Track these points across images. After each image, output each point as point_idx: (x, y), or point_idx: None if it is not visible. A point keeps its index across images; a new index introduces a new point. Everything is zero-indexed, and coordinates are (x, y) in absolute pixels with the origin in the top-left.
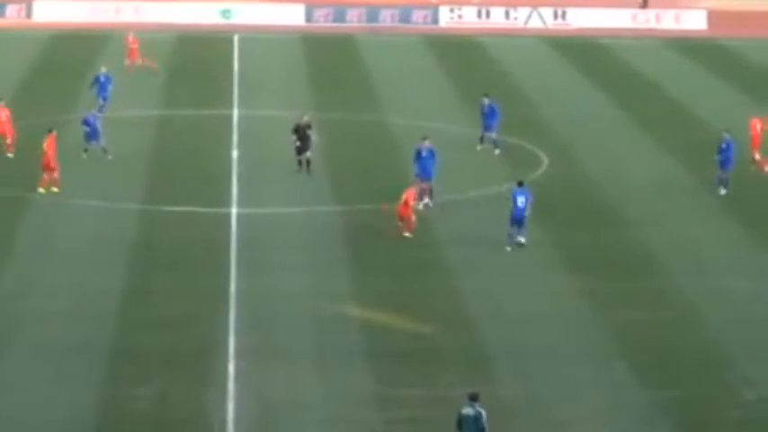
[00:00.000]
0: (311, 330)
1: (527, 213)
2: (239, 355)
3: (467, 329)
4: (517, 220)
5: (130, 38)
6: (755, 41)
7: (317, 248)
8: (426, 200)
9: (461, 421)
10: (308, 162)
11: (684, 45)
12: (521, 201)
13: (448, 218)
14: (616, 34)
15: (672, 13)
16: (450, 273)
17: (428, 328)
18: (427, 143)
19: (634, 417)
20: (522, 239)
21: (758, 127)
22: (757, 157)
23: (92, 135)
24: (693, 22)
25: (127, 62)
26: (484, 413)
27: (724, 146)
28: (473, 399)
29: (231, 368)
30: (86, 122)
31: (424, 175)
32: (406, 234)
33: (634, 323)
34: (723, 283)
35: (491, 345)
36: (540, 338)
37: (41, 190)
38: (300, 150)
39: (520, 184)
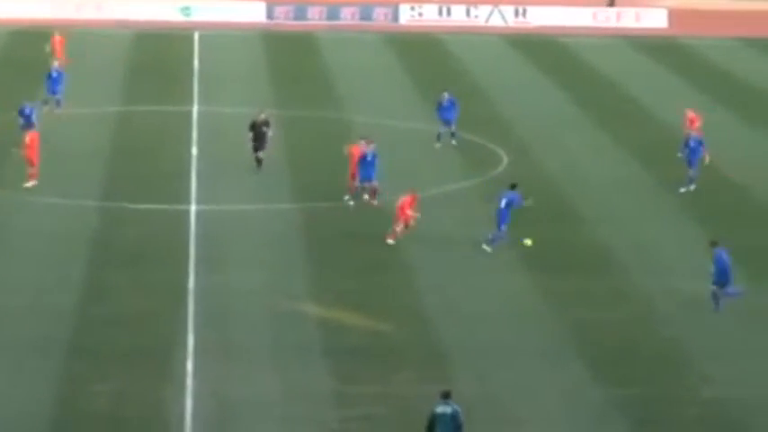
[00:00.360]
0: (269, 327)
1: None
2: (197, 352)
3: (424, 327)
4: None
5: (57, 36)
6: (716, 40)
7: (275, 246)
8: (366, 197)
9: (435, 420)
10: (260, 161)
11: (645, 44)
12: (504, 202)
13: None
14: (576, 32)
15: (632, 11)
16: (408, 271)
17: (385, 326)
18: (372, 147)
19: (591, 414)
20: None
21: (695, 122)
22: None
23: (26, 126)
24: (654, 20)
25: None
26: (459, 409)
27: (692, 144)
28: (446, 396)
29: (189, 365)
30: (22, 113)
31: (367, 176)
32: (389, 241)
33: (591, 321)
34: (680, 281)
35: (448, 343)
36: (497, 336)
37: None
38: (256, 148)
39: (512, 186)
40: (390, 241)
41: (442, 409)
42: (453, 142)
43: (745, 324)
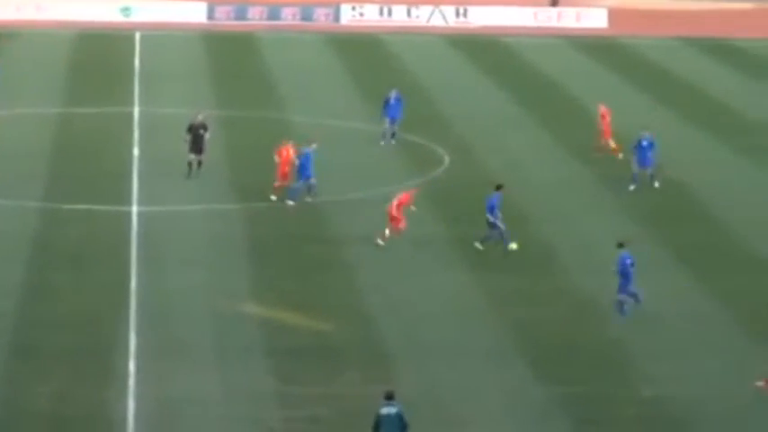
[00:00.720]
0: (211, 327)
1: (488, 217)
2: (139, 352)
3: (367, 327)
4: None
5: None
6: (655, 40)
7: (216, 246)
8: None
9: (380, 422)
10: (200, 163)
11: (586, 43)
12: (490, 204)
13: (348, 215)
14: (518, 32)
15: (573, 11)
16: (350, 270)
17: (328, 326)
18: (314, 146)
19: (533, 413)
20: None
21: (606, 117)
22: (612, 144)
23: None
24: (595, 20)
25: None
26: (404, 409)
27: (645, 143)
28: (390, 397)
29: (131, 365)
30: None
31: (306, 175)
32: (379, 242)
33: (534, 320)
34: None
35: (391, 342)
36: (440, 336)
37: None
38: (192, 150)
39: (498, 187)
40: (380, 242)
41: (386, 410)
42: (392, 142)
43: (685, 323)
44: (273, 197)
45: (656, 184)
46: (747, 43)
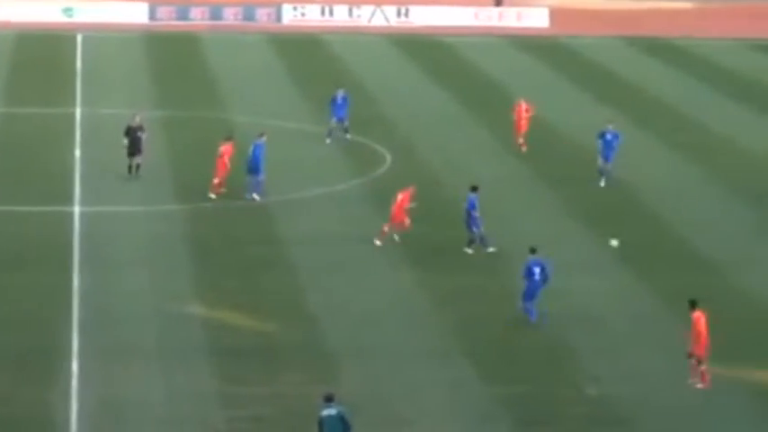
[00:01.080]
0: (154, 328)
1: (467, 219)
2: (82, 353)
3: (310, 327)
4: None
5: None
6: (597, 39)
7: (159, 247)
8: (255, 195)
9: (322, 424)
10: (138, 167)
11: (527, 43)
12: (467, 205)
13: (291, 215)
14: (459, 32)
15: (514, 11)
16: (293, 270)
17: (271, 326)
18: (263, 139)
19: (477, 413)
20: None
21: (525, 112)
22: (520, 140)
23: None
24: (536, 20)
25: None
26: (345, 410)
27: (609, 136)
28: (329, 399)
29: (75, 367)
30: None
31: (257, 169)
32: (395, 237)
33: (476, 319)
34: (565, 279)
35: (334, 342)
36: (383, 335)
37: None
38: (130, 153)
39: (473, 189)
40: (377, 242)
41: (327, 411)
42: (348, 137)
43: (629, 321)
44: (212, 195)
45: (602, 184)
46: (686, 42)
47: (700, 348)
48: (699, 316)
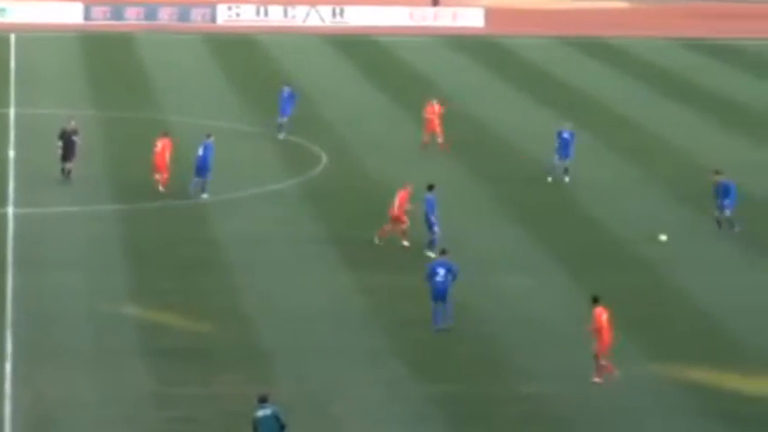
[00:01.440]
0: (89, 329)
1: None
2: (16, 354)
3: (245, 327)
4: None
5: None
6: (532, 39)
7: (94, 247)
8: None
9: (257, 424)
10: (69, 172)
11: (462, 42)
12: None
13: (226, 215)
14: (394, 32)
15: (450, 11)
16: (228, 270)
17: (205, 327)
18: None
19: (410, 412)
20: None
21: (436, 109)
22: (439, 140)
23: None
24: (471, 19)
25: None
26: (279, 409)
27: (566, 135)
28: (263, 400)
29: (8, 368)
30: None
31: (205, 169)
32: (404, 243)
33: (410, 319)
34: (499, 279)
35: (269, 343)
36: (317, 335)
37: None
38: (64, 157)
39: (429, 187)
40: (377, 240)
41: (262, 412)
42: (280, 137)
43: (563, 320)
44: (162, 188)
45: (567, 179)
46: (622, 41)
47: (601, 344)
48: (600, 312)
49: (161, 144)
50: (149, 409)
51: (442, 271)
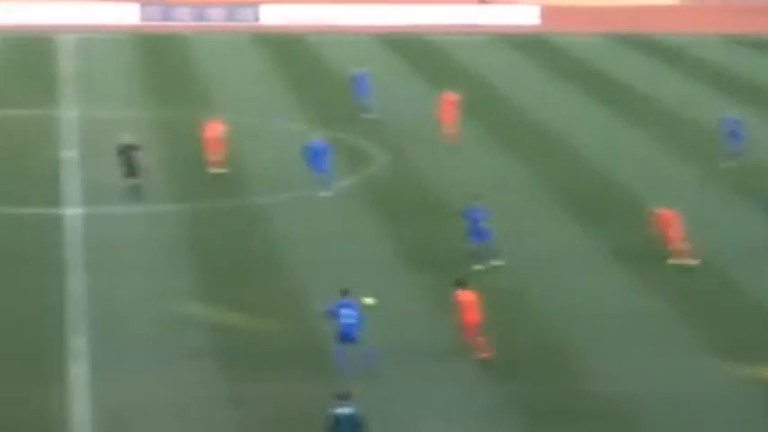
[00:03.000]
0: (160, 330)
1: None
2: (93, 356)
3: (314, 327)
4: None
5: None
6: (585, 36)
7: (161, 248)
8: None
9: (337, 420)
10: (138, 188)
11: (515, 41)
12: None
13: (290, 215)
14: (446, 31)
15: (501, 8)
16: (295, 270)
17: (276, 326)
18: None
19: (481, 410)
20: None
21: (452, 99)
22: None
23: None
24: (525, 17)
25: None
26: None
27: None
28: (345, 397)
29: (86, 369)
30: None
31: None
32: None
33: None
34: (565, 276)
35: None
36: (383, 334)
37: None
38: (129, 173)
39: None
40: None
41: (341, 410)
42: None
43: (625, 315)
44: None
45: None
46: (676, 39)
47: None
48: (461, 294)
49: (211, 126)
50: (225, 410)
51: (345, 312)
